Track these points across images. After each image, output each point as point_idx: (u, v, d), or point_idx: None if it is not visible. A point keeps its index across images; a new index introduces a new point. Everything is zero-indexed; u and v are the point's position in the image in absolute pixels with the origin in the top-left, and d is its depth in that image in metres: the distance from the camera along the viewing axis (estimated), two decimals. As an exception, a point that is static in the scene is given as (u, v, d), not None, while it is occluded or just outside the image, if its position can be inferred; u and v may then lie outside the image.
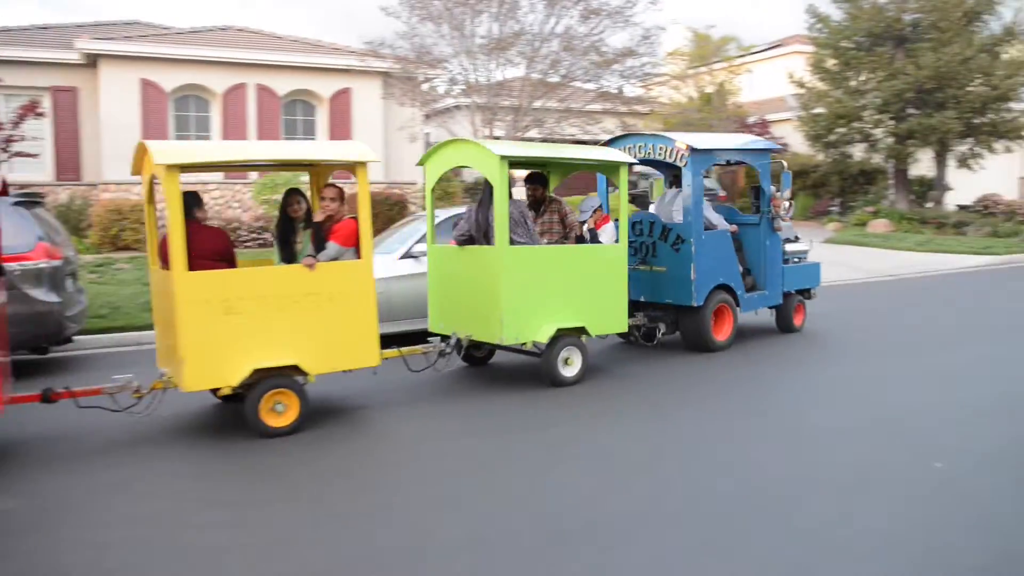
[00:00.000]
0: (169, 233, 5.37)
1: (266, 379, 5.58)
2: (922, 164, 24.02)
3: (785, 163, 9.61)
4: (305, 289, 5.76)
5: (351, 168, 6.16)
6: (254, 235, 16.49)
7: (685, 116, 26.57)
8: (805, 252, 10.04)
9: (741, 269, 8.78)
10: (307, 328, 5.75)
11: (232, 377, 5.51)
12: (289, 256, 6.46)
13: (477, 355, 7.95)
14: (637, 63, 16.50)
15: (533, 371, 7.37)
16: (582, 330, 7.09)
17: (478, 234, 7.09)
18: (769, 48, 35.29)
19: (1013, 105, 22.21)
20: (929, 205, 23.89)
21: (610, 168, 7.66)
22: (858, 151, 23.81)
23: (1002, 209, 22.11)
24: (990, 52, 21.97)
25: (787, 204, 9.22)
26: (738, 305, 8.68)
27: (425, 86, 18.20)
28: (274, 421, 5.61)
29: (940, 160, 23.37)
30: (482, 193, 7.20)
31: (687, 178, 8.21)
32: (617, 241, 7.63)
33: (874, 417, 6.04)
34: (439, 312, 7.44)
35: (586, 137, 16.12)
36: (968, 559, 3.76)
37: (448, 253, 7.40)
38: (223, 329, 5.46)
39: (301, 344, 5.72)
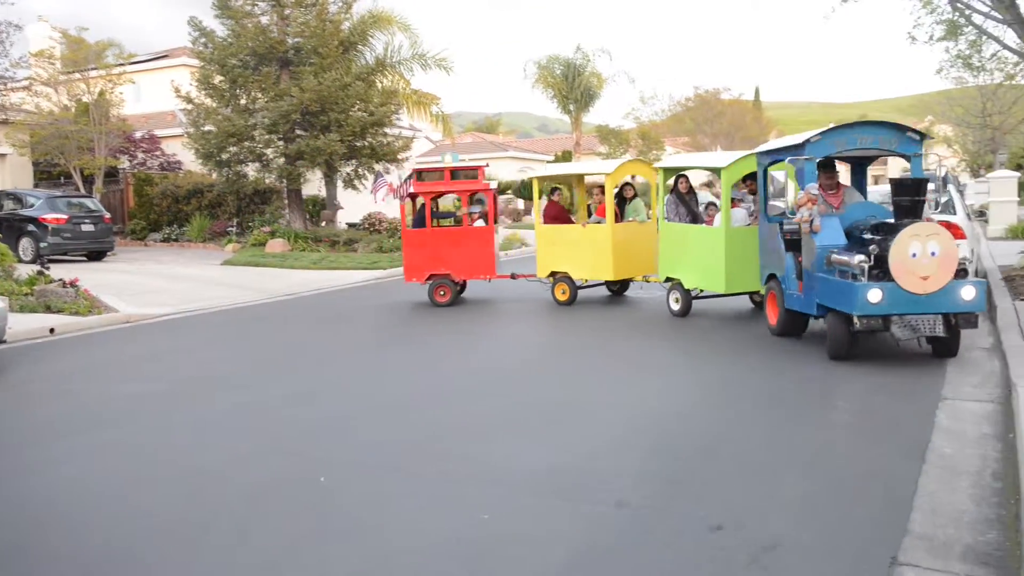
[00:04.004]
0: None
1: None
2: (313, 184, 26.35)
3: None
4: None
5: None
6: None
7: (58, 127, 24.87)
8: None
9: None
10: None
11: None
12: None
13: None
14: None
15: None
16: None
17: (686, 219, 12.05)
18: (155, 58, 34.97)
19: (388, 130, 25.78)
20: (323, 224, 26.32)
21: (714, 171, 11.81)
22: (252, 170, 25.06)
23: (386, 227, 25.45)
24: (366, 80, 25.17)
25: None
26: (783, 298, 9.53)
27: None
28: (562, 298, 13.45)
29: (329, 180, 25.94)
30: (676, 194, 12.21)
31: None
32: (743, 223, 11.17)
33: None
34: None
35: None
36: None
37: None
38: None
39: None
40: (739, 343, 9.73)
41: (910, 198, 8.08)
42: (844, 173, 10.23)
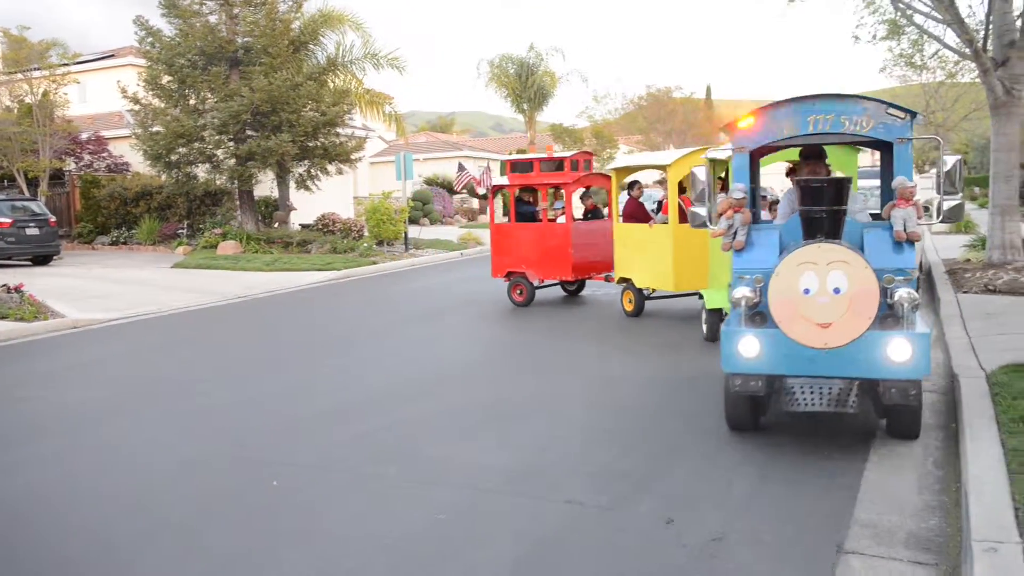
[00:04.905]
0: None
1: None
2: (265, 185, 26.06)
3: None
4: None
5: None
6: None
7: (0, 129, 24.31)
8: None
9: None
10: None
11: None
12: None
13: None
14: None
15: None
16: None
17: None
18: (101, 58, 34.34)
19: (341, 130, 25.59)
20: (276, 225, 26.06)
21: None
22: (202, 172, 24.71)
23: (339, 227, 25.27)
24: (317, 80, 24.95)
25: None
26: None
27: None
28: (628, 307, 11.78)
29: (282, 181, 25.68)
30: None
31: None
32: None
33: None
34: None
35: None
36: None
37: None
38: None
39: None
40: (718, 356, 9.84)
41: (824, 208, 5.61)
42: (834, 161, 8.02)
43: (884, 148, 6.62)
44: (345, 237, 24.18)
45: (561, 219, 13.44)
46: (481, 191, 15.93)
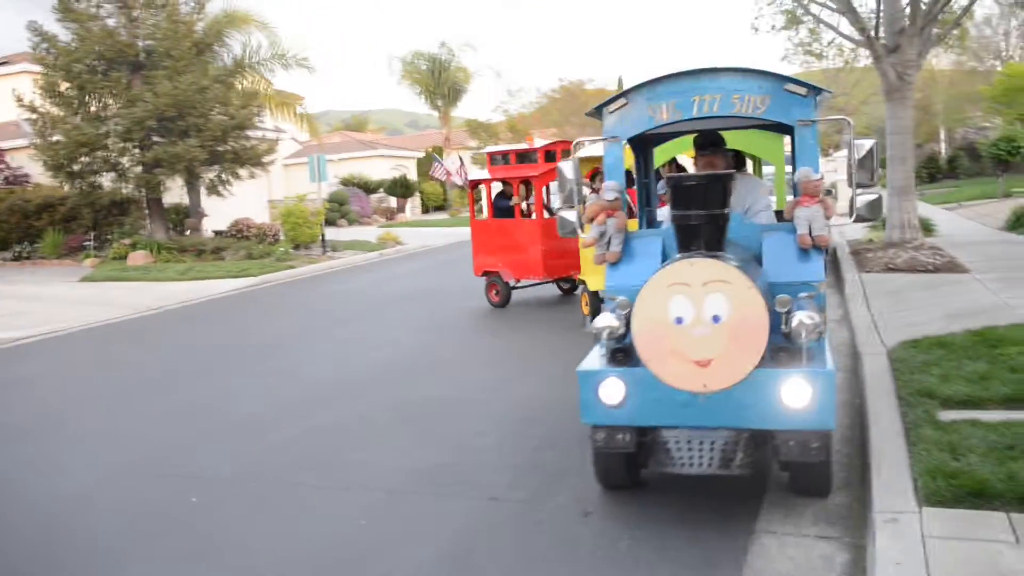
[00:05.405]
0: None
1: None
2: (175, 192, 25.41)
3: None
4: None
5: None
6: None
7: None
8: None
9: None
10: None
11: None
12: None
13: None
14: None
15: None
16: None
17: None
18: (-7, 66, 32.97)
19: (251, 133, 25.10)
20: (187, 233, 25.44)
21: None
22: (108, 181, 23.95)
23: (254, 232, 24.82)
24: (225, 83, 24.42)
25: None
26: None
27: None
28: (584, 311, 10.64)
29: (192, 187, 25.06)
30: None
31: None
32: None
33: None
34: None
35: None
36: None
37: None
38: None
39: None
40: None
41: (700, 212, 4.36)
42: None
43: (787, 132, 5.47)
44: (261, 242, 23.79)
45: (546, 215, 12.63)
46: (455, 181, 14.75)
